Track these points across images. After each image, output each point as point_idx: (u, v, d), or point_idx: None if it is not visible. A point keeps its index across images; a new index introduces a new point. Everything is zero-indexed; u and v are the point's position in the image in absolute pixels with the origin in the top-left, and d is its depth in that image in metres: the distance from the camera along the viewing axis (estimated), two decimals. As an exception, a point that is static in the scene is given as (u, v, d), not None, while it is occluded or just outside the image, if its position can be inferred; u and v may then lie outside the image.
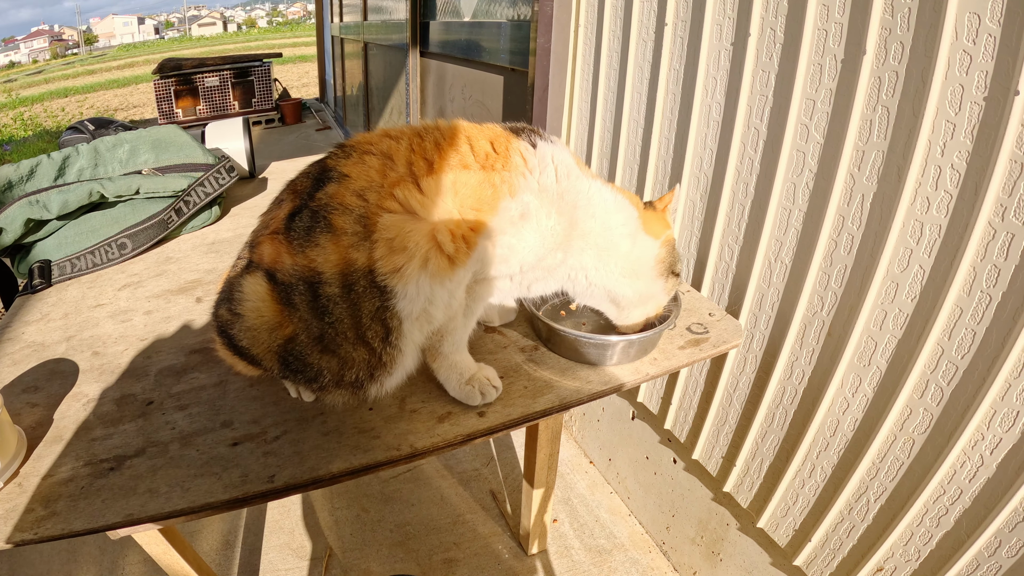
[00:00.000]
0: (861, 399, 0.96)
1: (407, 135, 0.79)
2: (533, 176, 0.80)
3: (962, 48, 0.74)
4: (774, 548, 1.21)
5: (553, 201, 0.80)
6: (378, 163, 0.75)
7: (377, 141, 0.78)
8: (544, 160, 0.81)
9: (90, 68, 23.86)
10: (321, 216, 0.73)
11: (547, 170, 0.81)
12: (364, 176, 0.74)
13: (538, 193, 0.79)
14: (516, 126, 0.85)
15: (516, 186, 0.78)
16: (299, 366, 0.77)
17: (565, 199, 0.81)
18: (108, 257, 1.25)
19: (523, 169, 0.79)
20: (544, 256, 0.82)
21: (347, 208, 0.73)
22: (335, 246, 0.72)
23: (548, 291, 0.91)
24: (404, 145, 0.77)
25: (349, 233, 0.72)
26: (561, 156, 0.83)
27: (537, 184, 0.79)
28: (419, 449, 0.77)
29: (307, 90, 10.46)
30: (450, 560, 1.58)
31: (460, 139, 0.79)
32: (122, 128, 4.84)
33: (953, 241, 0.79)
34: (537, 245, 0.81)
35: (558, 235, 0.82)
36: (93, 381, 0.90)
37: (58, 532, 0.66)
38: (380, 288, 0.72)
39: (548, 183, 0.80)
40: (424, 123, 0.82)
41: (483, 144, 0.79)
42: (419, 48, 3.24)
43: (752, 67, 1.03)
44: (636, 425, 1.63)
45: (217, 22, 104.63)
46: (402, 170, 0.75)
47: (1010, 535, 0.79)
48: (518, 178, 0.78)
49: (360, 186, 0.74)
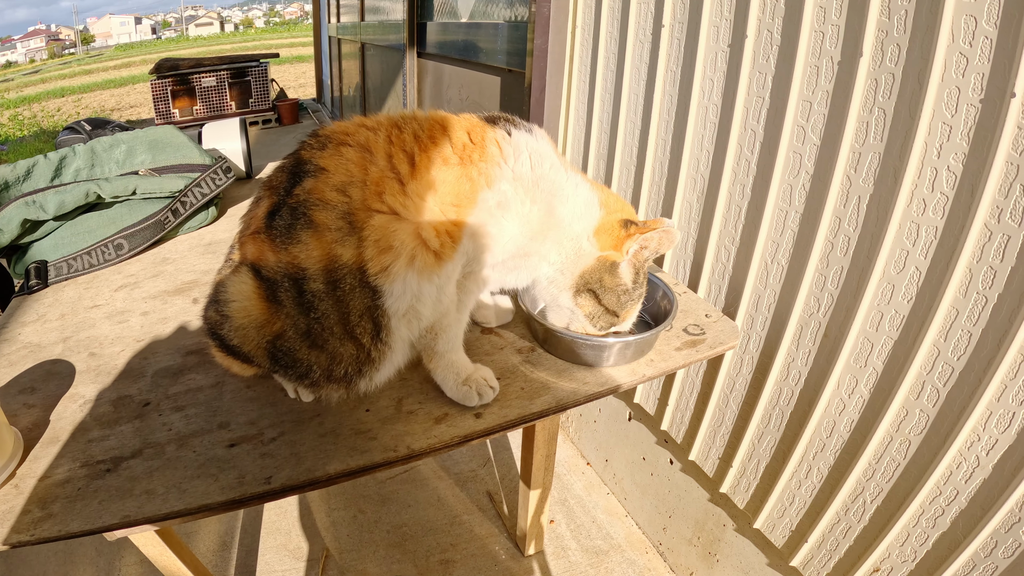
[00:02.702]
0: (857, 400, 0.96)
1: (384, 126, 0.78)
2: (508, 165, 0.80)
3: (959, 50, 0.74)
4: (771, 549, 1.22)
5: (528, 189, 0.81)
6: (356, 155, 0.75)
7: (354, 131, 0.77)
8: (518, 148, 0.81)
9: (87, 68, 23.81)
10: (301, 213, 0.73)
11: (521, 158, 0.81)
12: (343, 170, 0.74)
13: (513, 181, 0.80)
14: (492, 115, 0.86)
15: (492, 176, 0.78)
16: (289, 362, 0.77)
17: (540, 187, 0.81)
18: (105, 258, 1.25)
19: (499, 158, 0.80)
20: (523, 244, 0.83)
21: (328, 204, 0.72)
22: (318, 242, 0.72)
23: (521, 283, 0.91)
24: (382, 136, 0.76)
25: (333, 229, 0.72)
26: (536, 145, 0.83)
27: (512, 172, 0.80)
28: (416, 450, 0.77)
29: (304, 90, 10.45)
30: (447, 561, 1.58)
31: (438, 130, 0.79)
32: (119, 128, 4.82)
33: (949, 243, 0.79)
34: (517, 233, 0.81)
35: (535, 222, 0.82)
36: (90, 382, 0.90)
37: (55, 534, 0.65)
38: (370, 287, 0.73)
39: (523, 171, 0.81)
40: (402, 113, 0.81)
41: (461, 135, 0.79)
42: (416, 49, 3.24)
43: (749, 69, 1.04)
44: (633, 426, 1.63)
45: (214, 22, 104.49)
46: (382, 164, 0.74)
47: (1006, 536, 0.80)
48: (494, 168, 0.79)
49: (339, 181, 0.73)
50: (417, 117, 0.81)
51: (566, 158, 0.87)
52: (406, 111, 0.82)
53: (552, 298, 0.91)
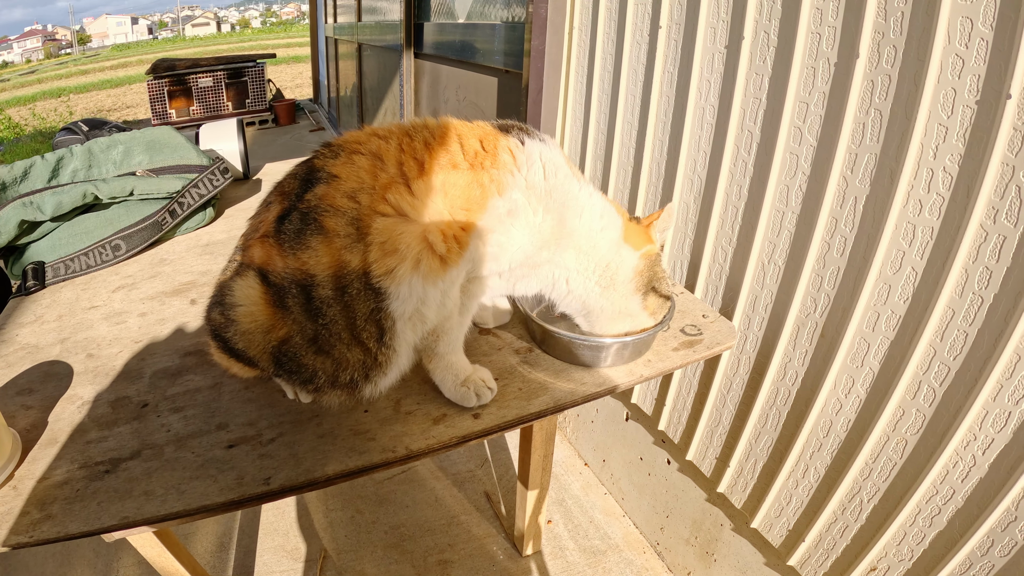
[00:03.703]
0: (854, 400, 0.96)
1: (396, 134, 0.78)
2: (521, 173, 0.79)
3: (954, 52, 0.75)
4: (768, 548, 1.22)
5: (540, 198, 0.80)
6: (368, 163, 0.75)
7: (366, 140, 0.78)
8: (532, 157, 0.81)
9: (83, 68, 23.76)
10: (312, 218, 0.72)
11: (535, 167, 0.80)
12: (354, 177, 0.74)
13: (526, 190, 0.79)
14: (505, 123, 0.85)
15: (504, 184, 0.78)
16: (294, 367, 0.77)
17: (553, 197, 0.81)
18: (102, 259, 1.25)
19: (511, 167, 0.79)
20: (532, 253, 0.82)
21: (338, 210, 0.72)
22: (327, 248, 0.72)
23: (531, 291, 0.90)
24: (393, 145, 0.77)
25: (342, 235, 0.72)
26: (549, 154, 0.82)
27: (525, 181, 0.79)
28: (414, 451, 0.77)
29: (301, 91, 10.44)
30: (445, 562, 1.58)
31: (450, 138, 0.79)
32: (116, 129, 4.82)
33: (945, 243, 0.80)
34: (526, 242, 0.81)
35: (546, 232, 0.81)
36: (88, 383, 0.90)
37: (53, 535, 0.65)
38: (374, 290, 0.72)
39: (536, 180, 0.80)
40: (413, 121, 0.81)
41: (472, 142, 0.79)
42: (413, 49, 3.24)
43: (746, 70, 1.04)
44: (630, 426, 1.63)
45: (211, 22, 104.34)
46: (392, 171, 0.74)
47: (1002, 534, 0.80)
48: (506, 175, 0.78)
49: (350, 187, 0.73)
50: (428, 125, 0.80)
51: (577, 168, 0.87)
52: (417, 119, 0.81)
53: (613, 309, 0.88)
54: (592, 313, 0.90)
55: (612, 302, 0.88)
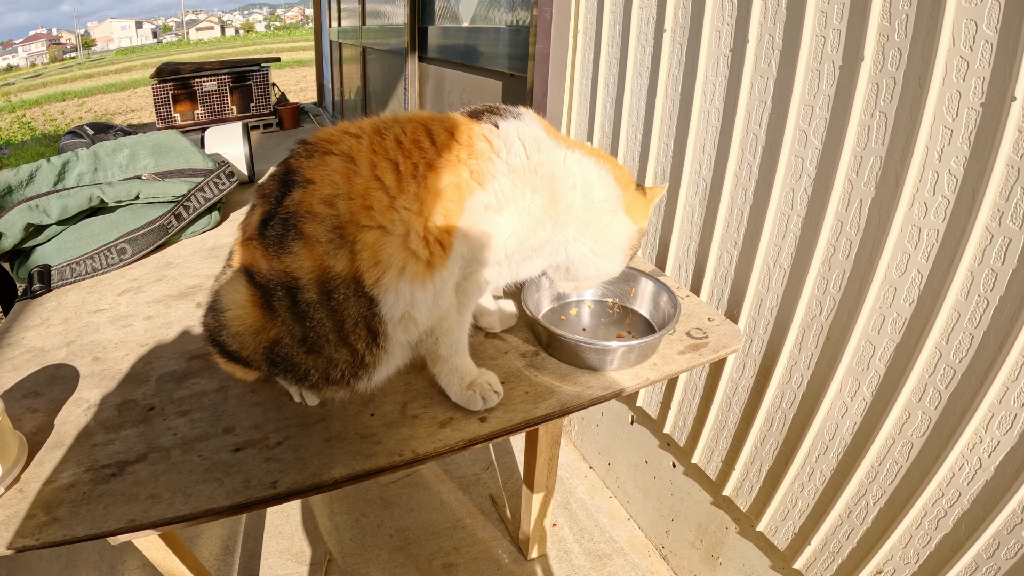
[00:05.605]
0: (860, 403, 0.96)
1: (367, 132, 0.77)
2: (501, 158, 0.78)
3: (959, 54, 0.75)
4: (774, 552, 1.22)
5: (526, 179, 0.79)
6: (340, 165, 0.74)
7: (338, 139, 0.76)
8: (509, 139, 0.79)
9: (88, 72, 23.84)
10: (291, 224, 0.72)
11: (514, 148, 0.79)
12: (328, 181, 0.73)
13: (509, 174, 0.78)
14: (474, 109, 0.83)
15: (484, 173, 0.77)
16: (287, 366, 0.77)
17: (539, 173, 0.79)
18: (108, 262, 1.25)
19: (489, 154, 0.78)
20: (526, 237, 0.81)
21: (316, 216, 0.72)
22: (309, 253, 0.72)
23: (535, 272, 0.90)
24: (365, 145, 0.75)
25: (323, 241, 0.72)
26: (527, 130, 0.81)
27: (506, 165, 0.78)
28: (421, 454, 0.77)
29: (305, 94, 10.46)
30: (450, 565, 1.58)
31: (420, 133, 0.77)
32: (122, 133, 4.82)
33: (951, 246, 0.79)
34: (517, 228, 0.80)
35: (537, 212, 0.80)
36: (94, 386, 0.90)
37: (60, 538, 0.66)
38: (365, 296, 0.73)
39: (517, 162, 0.79)
40: (383, 117, 0.80)
41: (443, 136, 0.77)
42: (418, 53, 3.25)
43: (751, 73, 1.04)
44: (635, 430, 1.63)
45: (215, 26, 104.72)
46: (366, 174, 0.73)
47: (1008, 537, 0.80)
48: (486, 164, 0.77)
49: (326, 193, 0.73)
50: (399, 120, 0.79)
51: (562, 134, 0.85)
52: (388, 115, 0.80)
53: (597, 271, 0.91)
54: (571, 272, 0.91)
55: (598, 267, 0.89)
